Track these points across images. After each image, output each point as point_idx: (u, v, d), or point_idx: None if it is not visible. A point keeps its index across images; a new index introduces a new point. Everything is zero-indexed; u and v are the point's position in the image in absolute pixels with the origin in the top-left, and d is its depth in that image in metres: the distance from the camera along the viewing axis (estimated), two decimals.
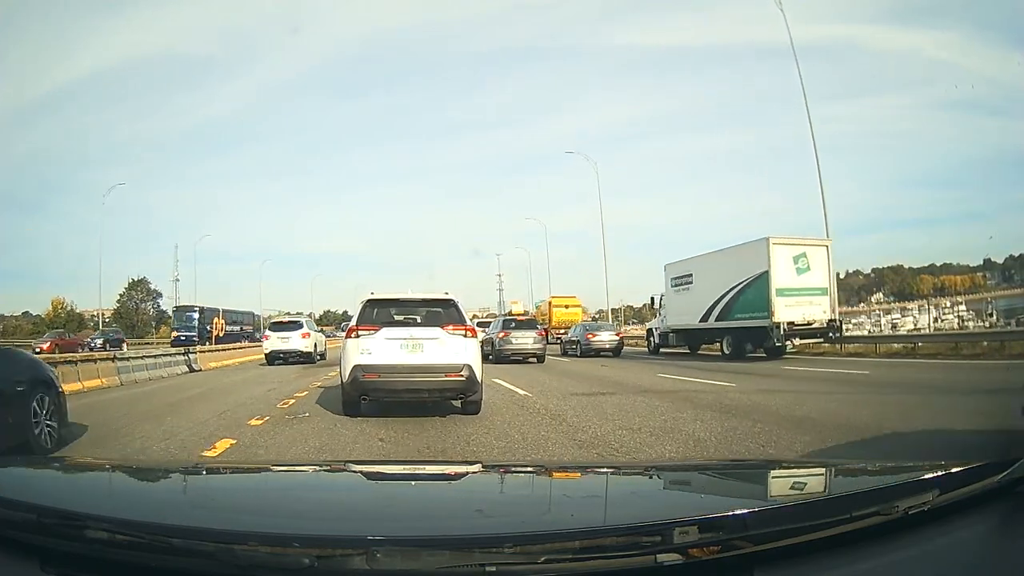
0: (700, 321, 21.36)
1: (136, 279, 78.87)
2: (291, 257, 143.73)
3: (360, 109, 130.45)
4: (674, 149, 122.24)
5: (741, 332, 19.40)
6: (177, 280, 67.95)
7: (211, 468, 3.13)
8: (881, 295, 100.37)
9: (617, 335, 25.06)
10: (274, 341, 22.57)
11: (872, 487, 1.58)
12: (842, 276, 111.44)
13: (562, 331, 33.50)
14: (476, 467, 2.80)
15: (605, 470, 2.98)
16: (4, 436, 5.43)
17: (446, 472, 2.59)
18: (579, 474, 2.44)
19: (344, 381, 8.25)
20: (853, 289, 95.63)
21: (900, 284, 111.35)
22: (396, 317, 8.64)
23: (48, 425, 6.18)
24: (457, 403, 8.54)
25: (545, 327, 29.76)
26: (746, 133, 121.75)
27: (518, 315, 31.98)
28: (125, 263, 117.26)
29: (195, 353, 22.23)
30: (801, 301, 18.39)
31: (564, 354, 25.22)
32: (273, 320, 30.54)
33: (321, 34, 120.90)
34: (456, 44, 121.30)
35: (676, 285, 23.39)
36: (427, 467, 3.60)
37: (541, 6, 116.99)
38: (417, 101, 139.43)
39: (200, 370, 20.90)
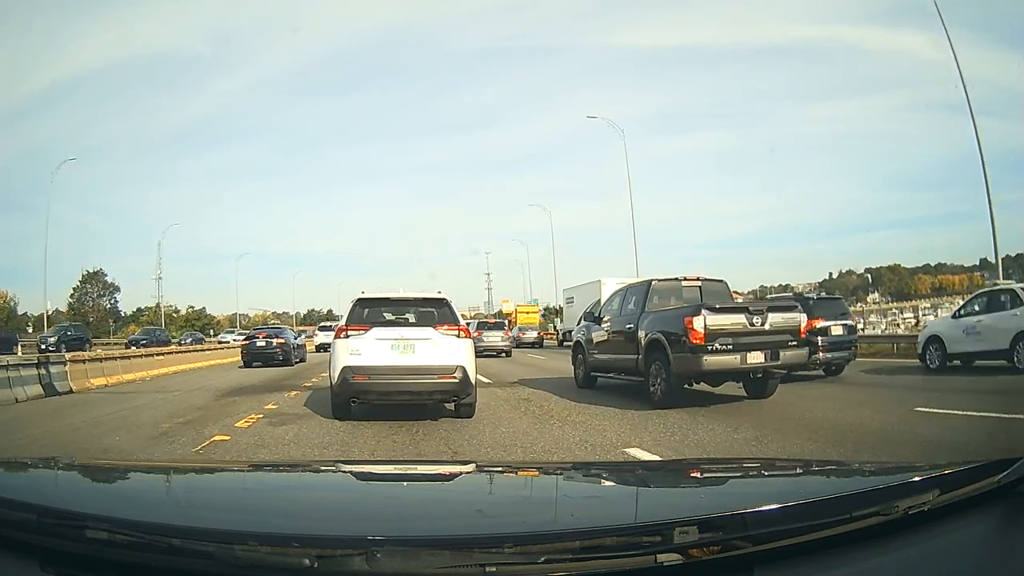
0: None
1: (91, 271, 68.41)
2: (290, 256, 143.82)
3: (359, 108, 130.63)
4: (674, 149, 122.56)
5: None
6: (160, 278, 65.94)
7: (211, 468, 3.12)
8: (877, 295, 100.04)
9: (538, 335, 38.92)
10: (321, 337, 34.17)
11: (872, 487, 1.58)
12: (835, 276, 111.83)
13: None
14: (475, 467, 2.79)
15: (605, 470, 2.97)
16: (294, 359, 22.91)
17: (445, 472, 2.59)
18: (579, 474, 2.44)
19: (333, 383, 7.95)
20: (848, 289, 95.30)
21: (898, 284, 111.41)
22: (387, 317, 8.41)
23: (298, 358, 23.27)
24: (450, 406, 8.30)
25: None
26: (746, 133, 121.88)
27: (490, 319, 41.69)
28: (120, 264, 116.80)
29: (65, 364, 13.67)
30: None
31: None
32: (321, 324, 42.92)
33: (320, 34, 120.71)
34: (455, 43, 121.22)
35: (567, 302, 37.78)
36: (426, 467, 3.59)
37: (541, 5, 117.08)
38: (416, 100, 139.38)
39: (70, 391, 12.97)
